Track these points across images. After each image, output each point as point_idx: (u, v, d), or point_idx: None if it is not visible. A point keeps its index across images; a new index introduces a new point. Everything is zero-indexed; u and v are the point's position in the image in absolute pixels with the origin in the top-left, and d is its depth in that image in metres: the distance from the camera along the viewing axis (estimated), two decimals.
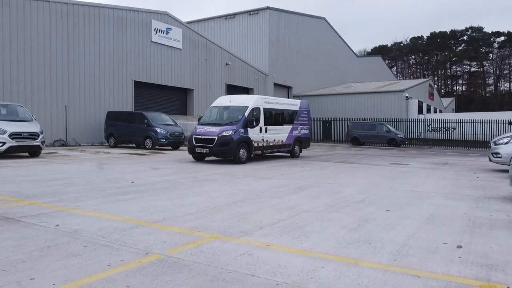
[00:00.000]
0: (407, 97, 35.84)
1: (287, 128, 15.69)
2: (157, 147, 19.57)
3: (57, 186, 7.53)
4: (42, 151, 15.20)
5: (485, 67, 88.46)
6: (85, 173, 9.76)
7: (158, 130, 19.32)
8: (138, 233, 4.22)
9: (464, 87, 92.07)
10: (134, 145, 21.06)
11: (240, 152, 13.07)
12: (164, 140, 19.26)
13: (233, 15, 39.02)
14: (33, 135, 13.55)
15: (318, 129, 35.95)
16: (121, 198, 6.37)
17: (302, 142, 16.81)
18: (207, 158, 14.20)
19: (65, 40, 20.47)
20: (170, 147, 20.23)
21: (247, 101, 13.97)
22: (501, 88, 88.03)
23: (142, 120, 19.76)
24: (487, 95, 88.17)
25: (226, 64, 31.68)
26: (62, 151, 17.24)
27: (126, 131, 20.39)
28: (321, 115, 37.17)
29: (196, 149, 13.22)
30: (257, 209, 5.70)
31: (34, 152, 14.13)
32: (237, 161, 12.99)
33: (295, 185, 8.31)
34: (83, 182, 8.16)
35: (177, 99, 28.42)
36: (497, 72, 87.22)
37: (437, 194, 7.61)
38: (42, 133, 13.99)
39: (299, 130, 16.51)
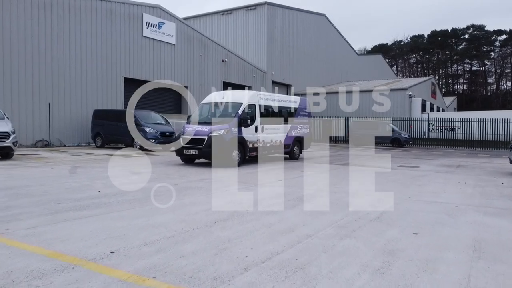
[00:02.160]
0: (410, 95, 34.46)
1: (285, 127, 14.30)
2: (146, 147, 18.16)
3: (3, 198, 6.15)
4: (18, 153, 13.87)
5: (486, 66, 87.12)
6: (50, 179, 8.37)
7: (147, 129, 17.92)
8: (59, 282, 2.85)
9: (465, 86, 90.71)
10: (123, 146, 19.65)
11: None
12: (153, 140, 17.86)
13: (230, 11, 37.61)
14: (3, 135, 12.15)
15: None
16: (72, 216, 4.99)
17: (302, 142, 15.40)
18: (197, 160, 12.81)
19: (48, 33, 19.03)
20: (160, 148, 18.83)
21: (242, 97, 12.57)
22: (502, 87, 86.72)
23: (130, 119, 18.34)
24: (489, 94, 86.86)
25: (223, 61, 30.28)
26: (42, 152, 15.84)
27: (113, 130, 18.99)
28: (321, 114, 35.76)
29: (184, 150, 11.82)
30: (244, 233, 4.32)
31: (5, 154, 12.73)
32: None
33: (295, 195, 6.94)
34: (40, 192, 6.77)
35: (171, 97, 27.02)
36: (499, 71, 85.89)
37: (467, 207, 6.24)
38: (14, 132, 12.59)
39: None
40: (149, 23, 24.15)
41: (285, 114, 14.50)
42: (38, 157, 13.64)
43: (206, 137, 11.42)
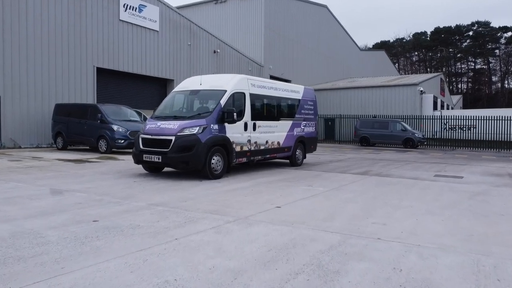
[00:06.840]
0: (421, 91, 31.13)
1: (285, 124, 10.92)
2: (114, 149, 14.83)
3: None
4: None
5: (491, 64, 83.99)
6: None
7: (115, 127, 14.57)
8: None
9: (469, 85, 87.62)
10: (87, 147, 16.29)
11: (213, 161, 8.32)
12: (122, 141, 14.50)
13: None
14: None
15: (320, 127, 31.16)
16: None
17: (306, 144, 11.99)
18: (166, 169, 9.47)
19: None
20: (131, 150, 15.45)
21: (225, 83, 9.14)
22: (507, 86, 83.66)
23: (95, 115, 15.01)
24: (493, 92, 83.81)
25: (214, 52, 26.96)
26: None
27: (76, 129, 15.64)
28: (324, 111, 32.49)
29: (144, 156, 8.44)
30: None
31: None
32: (207, 174, 8.24)
33: (306, 251, 3.62)
34: None
35: (154, 91, 23.66)
36: (504, 69, 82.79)
37: None
38: None
39: (302, 127, 11.76)
40: (127, 5, 20.82)
41: (285, 107, 11.15)
42: None
43: (173, 138, 8.05)
